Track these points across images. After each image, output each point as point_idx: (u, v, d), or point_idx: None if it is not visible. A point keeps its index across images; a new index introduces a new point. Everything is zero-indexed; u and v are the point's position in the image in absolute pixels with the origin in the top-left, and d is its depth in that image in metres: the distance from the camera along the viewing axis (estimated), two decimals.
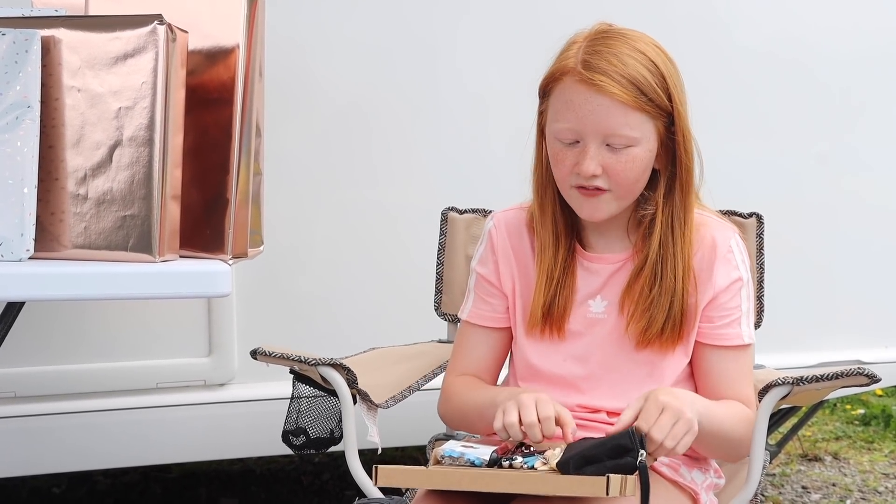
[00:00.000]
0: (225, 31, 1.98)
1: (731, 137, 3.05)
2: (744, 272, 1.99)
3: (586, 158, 1.88)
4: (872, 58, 3.20)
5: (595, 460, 1.70)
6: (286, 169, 2.74)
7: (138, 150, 1.85)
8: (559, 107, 1.91)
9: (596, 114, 1.86)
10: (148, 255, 1.84)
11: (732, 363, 1.98)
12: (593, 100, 1.86)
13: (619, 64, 1.86)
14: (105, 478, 3.73)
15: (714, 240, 1.98)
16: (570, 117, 1.89)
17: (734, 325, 1.98)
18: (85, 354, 2.73)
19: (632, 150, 1.89)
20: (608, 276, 2.00)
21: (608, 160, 1.89)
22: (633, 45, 1.90)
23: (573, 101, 1.88)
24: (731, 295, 1.97)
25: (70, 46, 1.87)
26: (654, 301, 1.94)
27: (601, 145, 1.88)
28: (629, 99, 1.85)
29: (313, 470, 3.91)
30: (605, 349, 1.99)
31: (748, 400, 1.97)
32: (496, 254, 2.08)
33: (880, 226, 3.25)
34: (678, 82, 1.92)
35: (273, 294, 2.83)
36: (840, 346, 3.21)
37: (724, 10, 3.09)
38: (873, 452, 4.32)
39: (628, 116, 1.87)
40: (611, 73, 1.86)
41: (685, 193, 1.95)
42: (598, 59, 1.87)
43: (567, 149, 1.91)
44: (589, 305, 2.01)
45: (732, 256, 1.98)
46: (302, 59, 2.79)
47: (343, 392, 2.02)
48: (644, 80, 1.87)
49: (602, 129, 1.87)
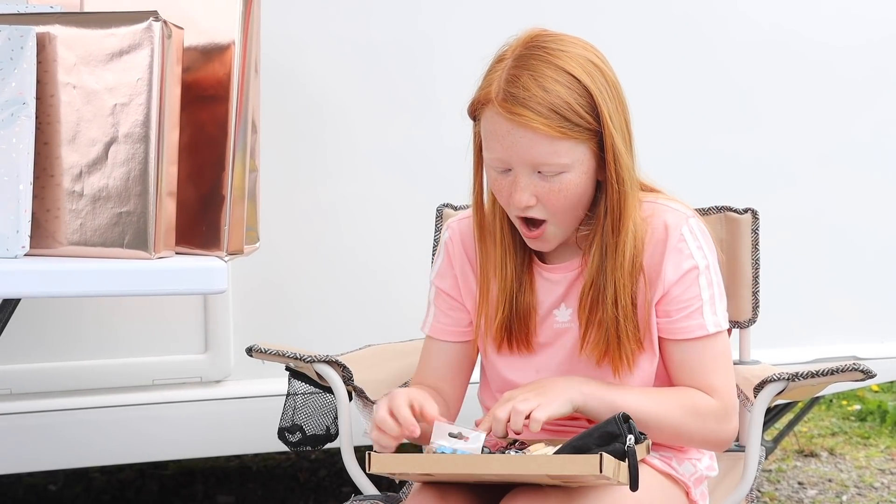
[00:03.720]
0: (221, 28, 1.98)
1: (724, 133, 3.06)
2: (700, 259, 1.91)
3: (517, 190, 1.84)
4: (869, 54, 3.20)
5: (584, 449, 1.70)
6: (282, 165, 2.74)
7: (134, 146, 1.85)
8: (486, 135, 1.86)
9: (520, 146, 1.81)
10: (144, 252, 1.84)
11: (696, 354, 1.92)
12: (516, 132, 1.81)
13: (540, 92, 1.80)
14: (101, 474, 3.73)
15: (666, 229, 1.90)
16: (497, 148, 1.84)
17: (694, 317, 1.91)
18: (81, 351, 2.73)
19: (564, 176, 1.84)
20: (569, 284, 1.97)
21: (540, 189, 1.84)
22: (558, 64, 1.82)
23: (497, 132, 1.83)
24: (687, 285, 1.91)
25: (65, 43, 1.87)
26: (604, 317, 1.90)
27: (532, 174, 1.84)
28: (552, 130, 1.79)
29: (310, 466, 3.91)
30: (574, 358, 1.96)
31: (713, 388, 1.91)
32: (454, 268, 2.05)
33: (875, 220, 3.26)
34: (610, 95, 1.85)
35: (269, 291, 2.83)
36: (835, 341, 3.22)
37: (717, 5, 3.09)
38: (869, 448, 4.32)
39: (555, 145, 1.81)
40: (531, 105, 1.79)
41: (617, 215, 1.87)
42: (518, 89, 1.80)
43: (501, 177, 1.87)
44: (554, 315, 1.98)
45: (685, 245, 1.90)
46: (298, 56, 2.79)
47: (339, 389, 2.03)
48: (566, 106, 1.80)
49: (528, 160, 1.82)
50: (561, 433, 1.96)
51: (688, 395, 1.91)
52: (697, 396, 1.91)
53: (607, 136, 1.83)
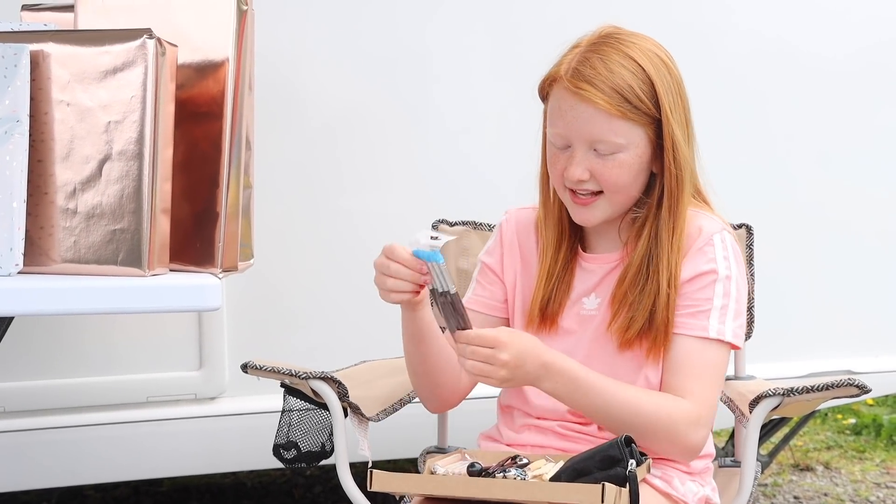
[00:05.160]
0: (214, 45, 1.98)
1: (719, 146, 3.05)
2: (722, 267, 1.94)
3: (573, 164, 1.93)
4: (866, 66, 3.21)
5: (586, 472, 1.71)
6: (276, 182, 2.74)
7: (128, 163, 1.85)
8: (552, 112, 1.96)
9: (580, 121, 1.91)
10: (137, 269, 1.84)
11: (686, 353, 1.92)
12: (578, 108, 1.90)
13: (606, 72, 1.90)
14: (96, 492, 3.72)
15: (699, 231, 1.97)
16: (559, 123, 1.93)
17: (699, 317, 1.93)
18: (75, 369, 2.72)
19: (618, 155, 1.92)
20: (603, 275, 2.02)
21: (595, 165, 1.92)
22: (627, 52, 1.92)
23: (561, 107, 1.93)
24: (701, 286, 1.94)
25: (59, 61, 1.87)
26: (634, 303, 1.94)
27: (588, 150, 1.92)
28: (612, 108, 1.88)
29: (305, 483, 3.91)
30: (592, 346, 2.00)
31: (692, 393, 1.90)
32: (503, 246, 2.12)
33: (870, 235, 3.26)
34: (672, 88, 1.94)
35: (263, 307, 2.83)
36: (830, 355, 3.22)
37: (715, 16, 3.10)
38: (864, 462, 4.32)
39: (612, 124, 1.90)
40: (596, 83, 1.89)
41: (674, 200, 1.95)
42: (587, 68, 1.90)
43: (560, 152, 1.95)
44: (583, 303, 2.02)
45: (711, 249, 1.95)
46: (291, 73, 2.79)
47: (334, 405, 2.02)
48: (628, 88, 1.89)
49: (587, 136, 1.91)
50: (568, 438, 1.99)
51: (662, 395, 1.92)
52: (672, 398, 1.91)
53: (665, 123, 1.92)
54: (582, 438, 1.97)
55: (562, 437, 2.00)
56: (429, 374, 2.02)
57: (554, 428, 2.01)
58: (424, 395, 2.08)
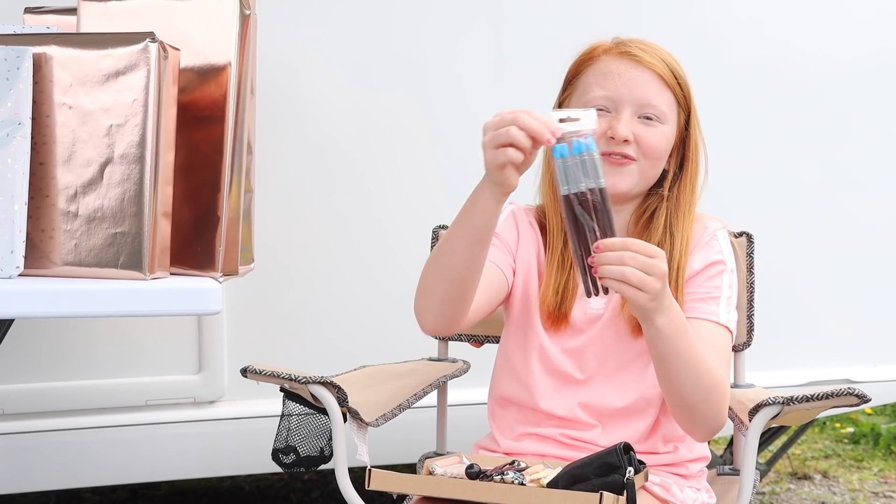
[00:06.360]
0: (217, 49, 1.98)
1: (719, 156, 3.06)
2: (728, 259, 2.03)
3: (620, 123, 1.96)
4: (863, 76, 3.21)
5: (583, 478, 1.72)
6: (277, 186, 2.74)
7: (129, 167, 1.85)
8: (592, 81, 2.00)
9: (635, 82, 1.98)
10: (138, 273, 1.84)
11: (702, 335, 1.92)
12: (633, 70, 1.98)
13: (652, 49, 2.01)
14: (94, 495, 3.71)
15: (704, 227, 2.04)
16: (608, 86, 1.98)
17: (711, 303, 1.98)
18: (74, 372, 2.72)
19: (660, 126, 1.99)
20: None
21: (639, 129, 1.97)
22: (658, 47, 2.03)
23: (612, 72, 1.99)
24: (711, 275, 2.00)
25: (61, 63, 1.87)
26: None
27: (634, 115, 1.97)
28: (666, 75, 1.98)
29: (303, 487, 3.90)
30: (602, 340, 2.01)
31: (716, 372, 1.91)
32: (518, 227, 2.10)
33: (869, 244, 3.26)
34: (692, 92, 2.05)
35: (263, 311, 2.83)
36: (829, 364, 3.22)
37: (713, 27, 3.11)
38: (863, 471, 4.32)
39: (663, 93, 1.99)
40: (649, 52, 2.00)
41: (690, 191, 2.03)
42: (635, 43, 2.01)
43: (600, 116, 1.93)
44: (588, 301, 2.02)
45: (717, 243, 2.03)
46: (293, 77, 2.80)
47: (333, 410, 2.02)
48: (674, 67, 2.00)
49: (638, 98, 1.97)
50: (569, 447, 1.99)
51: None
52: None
53: (693, 117, 2.03)
54: (583, 447, 1.97)
55: (563, 446, 1.99)
56: (464, 280, 1.87)
57: (555, 436, 2.00)
58: (435, 305, 1.91)
